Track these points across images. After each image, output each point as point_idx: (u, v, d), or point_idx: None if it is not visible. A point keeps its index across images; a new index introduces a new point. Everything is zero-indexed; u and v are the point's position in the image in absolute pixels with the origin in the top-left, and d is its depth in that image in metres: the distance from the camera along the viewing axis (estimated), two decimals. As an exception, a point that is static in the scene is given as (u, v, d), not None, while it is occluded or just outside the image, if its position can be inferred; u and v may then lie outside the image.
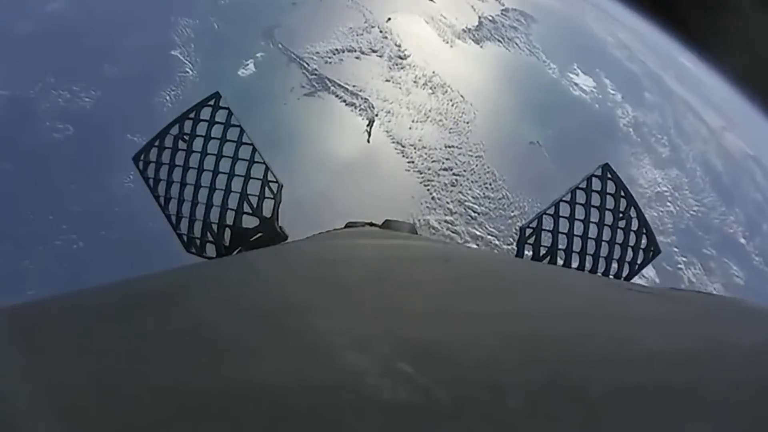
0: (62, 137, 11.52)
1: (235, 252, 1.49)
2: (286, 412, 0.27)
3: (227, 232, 1.52)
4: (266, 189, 1.53)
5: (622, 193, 1.54)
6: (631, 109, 14.77)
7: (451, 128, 12.34)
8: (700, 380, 0.34)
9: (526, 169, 12.18)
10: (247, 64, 12.43)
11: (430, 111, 12.41)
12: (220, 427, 0.26)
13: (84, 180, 11.03)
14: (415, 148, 11.77)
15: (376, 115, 11.95)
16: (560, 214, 1.51)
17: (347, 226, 1.54)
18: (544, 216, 1.51)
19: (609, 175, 1.55)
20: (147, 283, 0.56)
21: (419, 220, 11.27)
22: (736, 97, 15.04)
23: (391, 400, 0.28)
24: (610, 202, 1.53)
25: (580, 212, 1.52)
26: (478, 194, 11.64)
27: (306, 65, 12.53)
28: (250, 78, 12.35)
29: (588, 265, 1.50)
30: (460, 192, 11.55)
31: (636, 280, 1.53)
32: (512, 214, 11.67)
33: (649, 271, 12.46)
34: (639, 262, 1.52)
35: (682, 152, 14.61)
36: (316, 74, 12.34)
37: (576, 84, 14.85)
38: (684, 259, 12.80)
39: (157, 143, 1.58)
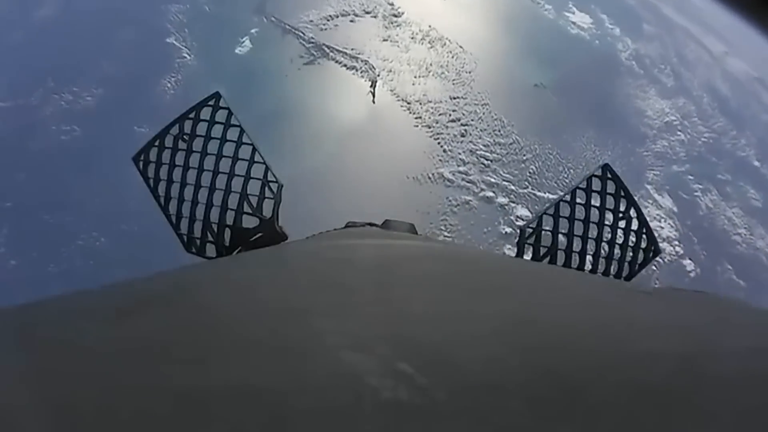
0: (70, 138, 11.58)
1: (235, 252, 1.49)
2: (287, 413, 0.27)
3: (227, 232, 1.51)
4: (266, 189, 1.52)
5: (622, 193, 1.54)
6: (631, 41, 14.55)
7: (454, 80, 12.26)
8: (700, 381, 0.34)
9: (534, 112, 12.10)
10: (243, 42, 12.37)
11: (431, 65, 12.32)
12: (221, 427, 0.26)
13: (97, 177, 11.12)
14: (420, 104, 11.72)
15: (378, 76, 11.88)
16: (560, 214, 1.51)
17: (347, 226, 1.53)
18: (544, 216, 1.51)
19: (609, 175, 1.54)
20: (147, 283, 0.55)
21: (432, 174, 11.31)
22: (735, 21, 14.77)
23: (392, 400, 0.28)
24: (610, 202, 1.53)
25: (580, 212, 1.51)
26: (489, 142, 11.62)
27: (302, 35, 12.45)
28: (248, 55, 12.30)
29: (588, 265, 1.49)
30: (470, 141, 11.53)
31: (636, 279, 1.53)
32: (524, 157, 11.66)
33: (665, 200, 12.47)
34: (639, 262, 1.52)
35: (687, 80, 14.42)
36: (313, 42, 12.27)
37: (573, 23, 14.62)
38: (700, 186, 12.75)
39: (157, 143, 1.58)
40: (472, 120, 11.82)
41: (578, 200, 1.52)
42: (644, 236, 1.53)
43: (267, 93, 11.77)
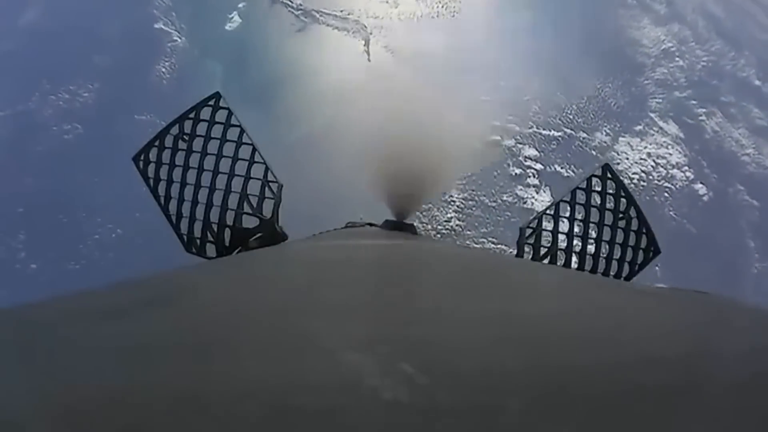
0: (72, 137, 11.62)
1: (235, 252, 1.48)
2: (286, 413, 0.27)
3: (227, 232, 1.50)
4: (266, 189, 1.51)
5: (622, 193, 1.53)
6: (619, -28, 14.39)
7: (446, 28, 12.21)
8: (700, 381, 0.34)
9: (529, 51, 12.01)
10: (232, 17, 12.31)
11: (421, 17, 12.27)
12: (220, 427, 0.26)
13: (105, 170, 11.18)
14: (416, 56, 11.70)
15: (371, 34, 11.86)
16: (560, 214, 1.50)
17: (347, 226, 1.53)
18: (544, 216, 1.50)
19: (609, 175, 1.54)
20: (147, 283, 0.55)
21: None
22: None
23: (392, 401, 0.28)
24: (610, 202, 1.53)
25: (580, 212, 1.50)
26: (488, 86, 11.60)
27: (290, 3, 12.36)
28: (238, 30, 12.25)
29: (588, 265, 1.49)
30: (469, 88, 11.52)
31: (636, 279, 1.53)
32: (525, 98, 11.64)
33: (671, 127, 12.41)
34: (639, 262, 1.52)
35: (680, 6, 14.24)
36: (301, 9, 12.20)
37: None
38: (704, 110, 12.67)
39: (157, 143, 1.57)
40: (469, 66, 11.77)
41: (578, 200, 1.52)
42: (644, 236, 1.53)
43: (262, 64, 11.76)
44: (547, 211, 1.52)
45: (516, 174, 11.20)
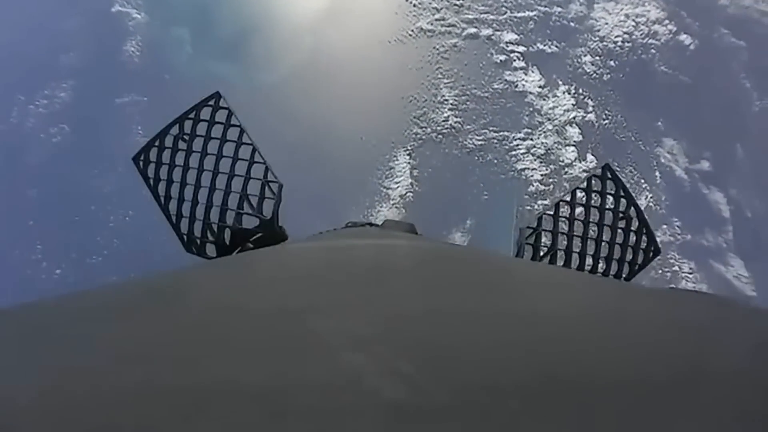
0: (61, 138, 11.64)
1: (235, 252, 1.47)
2: (285, 413, 0.27)
3: (227, 232, 1.50)
4: (266, 189, 1.51)
5: (622, 193, 1.52)
6: None
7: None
8: (699, 381, 0.33)
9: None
10: (186, -20, 12.23)
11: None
12: (219, 427, 0.26)
13: (101, 159, 11.21)
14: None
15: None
16: (560, 214, 1.49)
17: (347, 226, 1.51)
18: (544, 216, 1.49)
19: (609, 175, 1.52)
20: (147, 283, 0.55)
21: (412, 30, 11.24)
22: None
23: (391, 400, 0.28)
24: (610, 202, 1.51)
25: (580, 212, 1.49)
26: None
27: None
28: (197, -10, 12.17)
29: (588, 265, 1.48)
30: (437, -12, 11.43)
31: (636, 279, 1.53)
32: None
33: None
34: (639, 262, 1.51)
35: None
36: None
37: None
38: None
39: (157, 143, 1.56)
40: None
41: (578, 200, 1.51)
42: (644, 236, 1.52)
43: (229, 14, 11.69)
44: (547, 211, 1.51)
45: (501, 61, 11.18)
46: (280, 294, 0.48)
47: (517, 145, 10.45)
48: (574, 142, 10.79)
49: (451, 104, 10.83)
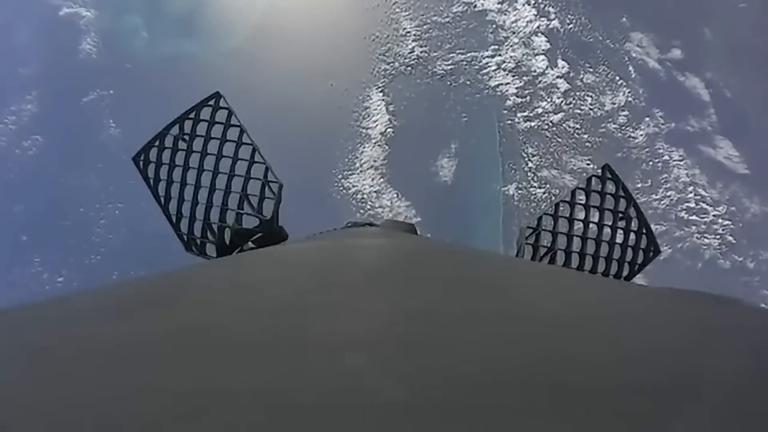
0: (37, 149, 11.62)
1: (235, 252, 1.46)
2: (286, 413, 0.27)
3: (227, 232, 1.49)
4: (266, 189, 1.50)
5: (622, 193, 1.51)
6: None
7: None
8: (699, 381, 0.33)
9: None
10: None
11: None
12: (219, 427, 0.26)
13: (79, 161, 11.15)
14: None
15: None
16: (560, 214, 1.48)
17: (347, 226, 1.50)
18: (544, 216, 1.48)
19: (609, 175, 1.51)
20: (147, 283, 0.55)
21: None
22: None
23: (392, 401, 0.28)
24: (610, 202, 1.50)
25: (580, 212, 1.48)
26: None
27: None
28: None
29: (588, 265, 1.47)
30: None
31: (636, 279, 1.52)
32: None
33: None
34: (639, 262, 1.50)
35: None
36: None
37: None
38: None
39: (157, 143, 1.55)
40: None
41: (578, 200, 1.50)
42: (644, 236, 1.51)
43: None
44: (547, 211, 1.51)
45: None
46: (280, 294, 0.48)
47: (487, 63, 10.40)
48: (543, 50, 10.75)
49: (414, 35, 10.78)
